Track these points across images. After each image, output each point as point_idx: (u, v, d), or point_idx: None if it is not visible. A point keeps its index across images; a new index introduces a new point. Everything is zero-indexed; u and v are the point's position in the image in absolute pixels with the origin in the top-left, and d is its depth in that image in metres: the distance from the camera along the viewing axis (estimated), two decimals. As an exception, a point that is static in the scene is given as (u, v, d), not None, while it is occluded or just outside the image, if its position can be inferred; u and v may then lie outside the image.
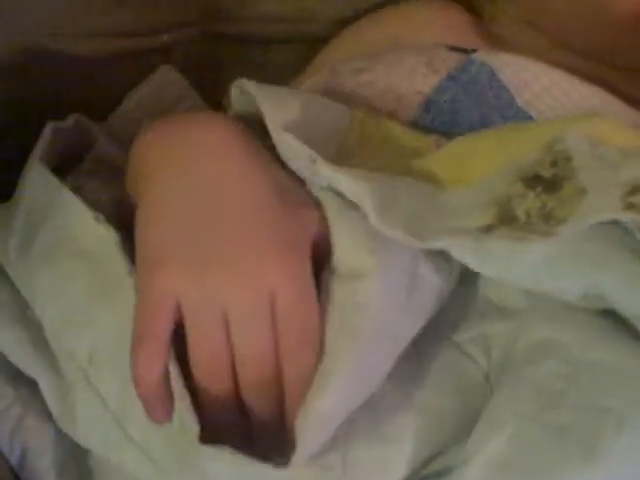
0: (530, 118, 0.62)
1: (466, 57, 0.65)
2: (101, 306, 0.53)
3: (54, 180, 0.57)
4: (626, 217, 0.47)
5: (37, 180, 0.58)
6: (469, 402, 0.53)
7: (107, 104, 0.71)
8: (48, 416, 0.55)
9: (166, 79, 0.73)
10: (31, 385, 0.56)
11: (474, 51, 0.66)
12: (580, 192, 0.48)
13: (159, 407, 0.48)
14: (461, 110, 0.62)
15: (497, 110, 0.62)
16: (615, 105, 0.64)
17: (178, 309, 0.48)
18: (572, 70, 0.65)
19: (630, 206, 0.47)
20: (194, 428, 0.48)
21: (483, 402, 0.52)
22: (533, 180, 0.49)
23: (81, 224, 0.55)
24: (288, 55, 0.77)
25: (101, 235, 0.54)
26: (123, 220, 0.55)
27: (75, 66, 0.72)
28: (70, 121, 0.65)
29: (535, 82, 0.64)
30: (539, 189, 0.49)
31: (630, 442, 0.47)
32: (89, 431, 0.53)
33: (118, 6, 0.72)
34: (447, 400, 0.53)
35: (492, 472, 0.49)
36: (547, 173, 0.49)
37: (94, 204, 0.55)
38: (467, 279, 0.54)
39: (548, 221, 0.48)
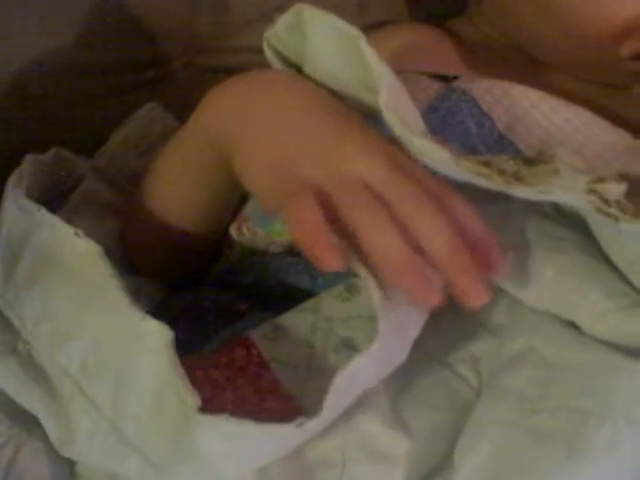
0: (511, 144, 0.63)
1: (447, 86, 0.66)
2: (87, 314, 0.53)
3: (30, 203, 0.58)
4: (584, 198, 0.50)
5: (13, 206, 0.59)
6: (462, 421, 0.53)
7: (94, 142, 0.71)
8: (43, 452, 0.56)
9: (151, 115, 0.74)
10: (25, 422, 0.56)
11: (455, 78, 0.66)
12: (553, 172, 0.50)
13: (327, 250, 0.48)
14: None
15: (479, 139, 0.63)
16: (598, 125, 0.64)
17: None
18: (555, 89, 0.66)
19: (591, 191, 0.49)
20: (194, 401, 0.48)
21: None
22: (517, 157, 0.51)
23: (61, 241, 0.55)
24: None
25: (82, 249, 0.54)
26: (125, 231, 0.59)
27: (60, 106, 0.73)
28: (50, 154, 0.65)
29: (516, 106, 0.64)
30: (519, 160, 0.51)
31: (611, 437, 0.49)
32: (89, 445, 0.53)
33: (102, 44, 0.73)
34: (440, 420, 0.53)
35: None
36: (531, 155, 0.51)
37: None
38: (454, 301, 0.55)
39: (517, 180, 0.50)
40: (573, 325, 0.54)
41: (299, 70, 0.58)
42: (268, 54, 0.59)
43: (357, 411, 0.52)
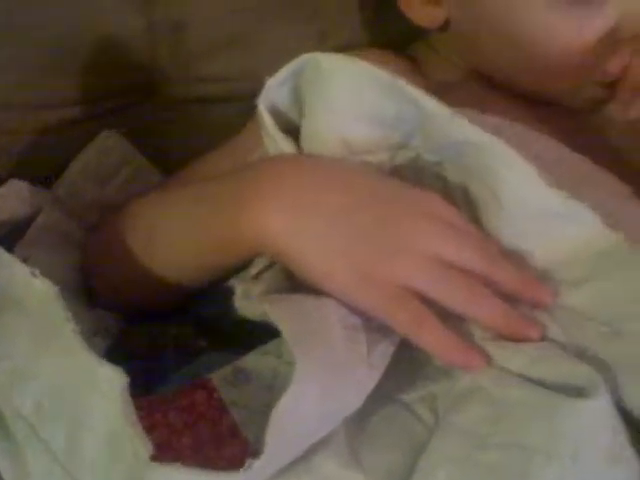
0: None
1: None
2: (44, 355, 0.53)
3: None
4: None
5: None
6: (418, 460, 0.53)
7: (58, 173, 0.71)
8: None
9: (108, 143, 0.74)
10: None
11: None
12: None
13: (472, 352, 0.54)
14: None
15: None
16: (559, 152, 0.65)
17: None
18: (519, 117, 0.66)
19: None
20: (147, 449, 0.48)
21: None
22: None
23: (18, 280, 0.55)
24: (229, 113, 0.77)
25: (38, 289, 0.54)
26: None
27: (22, 138, 0.73)
28: (6, 187, 0.66)
29: None
30: None
31: (559, 473, 0.49)
32: None
33: (62, 76, 0.73)
34: (396, 460, 0.53)
35: None
36: None
37: (43, 272, 0.55)
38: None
39: None
40: None
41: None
42: (264, 116, 0.60)
43: (314, 451, 0.52)
